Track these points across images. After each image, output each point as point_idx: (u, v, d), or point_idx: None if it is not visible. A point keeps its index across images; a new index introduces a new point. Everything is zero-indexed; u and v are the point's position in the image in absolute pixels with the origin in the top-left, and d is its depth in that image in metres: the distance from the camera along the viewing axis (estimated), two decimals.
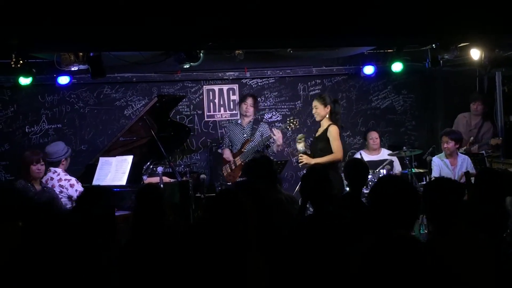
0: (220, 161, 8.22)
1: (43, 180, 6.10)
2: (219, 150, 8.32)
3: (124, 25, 5.24)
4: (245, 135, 7.98)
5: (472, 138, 8.38)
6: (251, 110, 8.01)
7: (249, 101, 7.99)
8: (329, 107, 6.79)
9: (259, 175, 4.97)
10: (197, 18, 5.27)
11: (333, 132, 6.64)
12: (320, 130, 6.81)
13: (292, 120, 7.73)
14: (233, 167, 7.83)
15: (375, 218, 3.17)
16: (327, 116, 6.80)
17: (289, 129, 7.99)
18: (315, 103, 6.86)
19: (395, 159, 8.33)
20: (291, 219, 4.48)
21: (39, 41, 5.82)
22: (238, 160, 7.87)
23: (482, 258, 3.23)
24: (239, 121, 8.15)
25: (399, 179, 3.34)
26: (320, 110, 6.79)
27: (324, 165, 6.16)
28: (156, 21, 5.23)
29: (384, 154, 8.39)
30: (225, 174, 7.98)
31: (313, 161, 6.56)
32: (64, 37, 5.60)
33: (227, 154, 7.98)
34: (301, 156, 6.61)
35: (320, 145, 6.68)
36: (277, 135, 7.55)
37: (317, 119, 6.88)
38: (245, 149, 7.88)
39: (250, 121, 8.03)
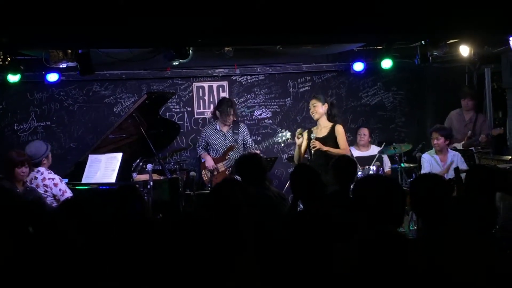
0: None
1: (27, 180, 6.00)
2: (198, 152, 8.17)
3: (113, 22, 5.21)
4: (227, 141, 7.91)
5: (470, 132, 8.36)
6: (232, 118, 7.95)
7: (232, 111, 7.90)
8: (326, 104, 6.85)
9: (248, 171, 4.99)
10: (187, 15, 5.25)
11: (341, 131, 6.76)
12: (324, 131, 6.79)
13: (300, 131, 7.64)
14: (215, 173, 7.68)
15: (361, 215, 3.18)
16: (325, 115, 6.83)
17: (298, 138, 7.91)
18: (313, 101, 6.89)
19: (384, 155, 8.35)
20: (280, 216, 4.47)
21: (29, 39, 5.77)
22: (222, 167, 7.81)
23: (471, 254, 3.23)
24: (217, 127, 8.00)
25: (381, 178, 3.35)
26: (318, 108, 6.83)
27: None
28: (146, 18, 5.21)
29: (374, 150, 8.40)
30: (205, 178, 7.88)
31: (325, 148, 6.60)
32: (53, 34, 5.57)
33: (209, 161, 7.88)
34: (313, 142, 6.62)
35: (328, 145, 6.67)
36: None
37: (316, 117, 6.87)
38: (229, 156, 7.84)
39: (230, 127, 7.98)
